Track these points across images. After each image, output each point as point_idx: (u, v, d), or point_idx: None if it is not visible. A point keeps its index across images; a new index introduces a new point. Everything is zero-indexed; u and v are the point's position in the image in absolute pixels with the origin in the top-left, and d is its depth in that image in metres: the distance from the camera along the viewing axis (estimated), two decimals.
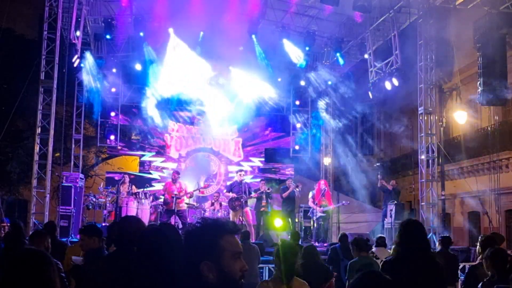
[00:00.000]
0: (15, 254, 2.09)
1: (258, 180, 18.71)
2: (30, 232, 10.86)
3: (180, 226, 15.47)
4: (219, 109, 20.19)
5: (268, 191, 16.27)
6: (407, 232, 4.52)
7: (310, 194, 16.85)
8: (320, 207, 16.11)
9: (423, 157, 15.81)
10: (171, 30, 18.29)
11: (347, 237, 11.15)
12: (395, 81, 16.61)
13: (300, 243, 10.88)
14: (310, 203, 16.59)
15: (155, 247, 3.11)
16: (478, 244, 7.27)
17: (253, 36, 18.19)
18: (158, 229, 3.49)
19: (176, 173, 16.12)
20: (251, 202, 16.77)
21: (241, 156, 21.50)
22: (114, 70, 19.42)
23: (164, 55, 18.90)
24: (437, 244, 9.92)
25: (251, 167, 21.60)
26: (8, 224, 14.51)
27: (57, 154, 17.92)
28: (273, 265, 11.75)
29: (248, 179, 19.28)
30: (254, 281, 9.56)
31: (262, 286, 5.03)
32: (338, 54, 19.34)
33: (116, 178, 18.34)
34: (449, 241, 9.63)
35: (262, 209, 16.13)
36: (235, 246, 2.36)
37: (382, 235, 11.70)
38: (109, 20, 17.44)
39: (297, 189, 16.59)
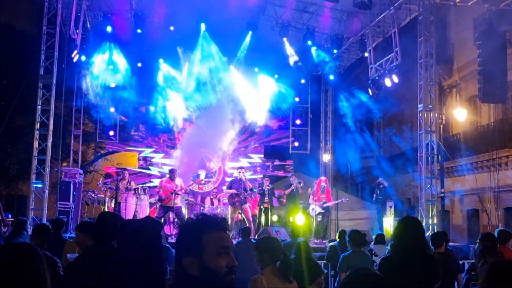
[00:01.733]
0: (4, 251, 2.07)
1: (258, 176, 18.71)
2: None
3: (179, 222, 15.48)
4: (218, 105, 20.17)
5: (269, 187, 16.32)
6: (404, 229, 4.51)
7: (309, 191, 16.89)
8: (319, 203, 16.15)
9: (422, 154, 15.79)
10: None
11: (346, 234, 11.14)
12: (395, 78, 16.60)
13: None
14: (310, 200, 16.63)
15: (131, 241, 3.07)
16: (477, 241, 7.29)
17: (250, 33, 18.20)
18: (136, 223, 3.45)
19: (174, 171, 16.08)
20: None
21: (241, 153, 21.50)
22: (112, 66, 19.36)
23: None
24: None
25: (251, 163, 21.58)
26: (11, 220, 14.54)
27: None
28: None
29: (247, 175, 19.25)
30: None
31: (256, 282, 4.88)
32: (335, 51, 19.34)
33: (115, 175, 18.33)
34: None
35: (264, 205, 16.19)
36: (219, 242, 2.34)
37: (381, 232, 11.71)
38: (109, 15, 17.42)
39: (299, 185, 16.64)
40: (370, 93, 18.56)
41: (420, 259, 4.33)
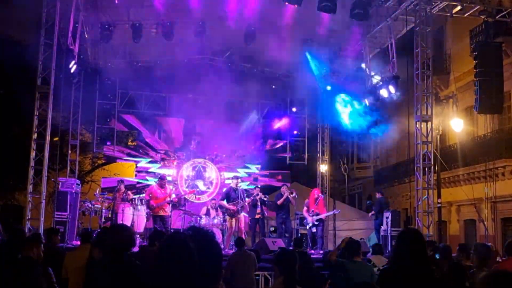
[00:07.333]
0: (8, 263, 2.08)
1: (254, 187, 18.61)
2: None
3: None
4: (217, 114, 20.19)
5: (263, 198, 16.19)
6: (404, 241, 4.48)
7: (306, 202, 16.81)
8: (313, 216, 16.08)
9: (419, 165, 15.78)
10: None
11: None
12: (392, 89, 16.64)
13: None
14: (304, 212, 16.55)
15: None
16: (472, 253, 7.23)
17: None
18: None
19: (163, 178, 16.02)
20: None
21: (238, 163, 21.49)
22: (111, 77, 19.37)
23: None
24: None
25: (248, 173, 21.56)
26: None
27: (56, 138, 17.63)
28: (269, 272, 11.69)
29: (244, 185, 19.21)
30: None
31: None
32: (334, 63, 19.39)
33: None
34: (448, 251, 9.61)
35: (257, 216, 16.04)
36: None
37: (379, 243, 11.70)
38: (106, 26, 17.44)
39: (291, 195, 16.49)
40: (367, 103, 18.61)
41: (419, 273, 4.28)
